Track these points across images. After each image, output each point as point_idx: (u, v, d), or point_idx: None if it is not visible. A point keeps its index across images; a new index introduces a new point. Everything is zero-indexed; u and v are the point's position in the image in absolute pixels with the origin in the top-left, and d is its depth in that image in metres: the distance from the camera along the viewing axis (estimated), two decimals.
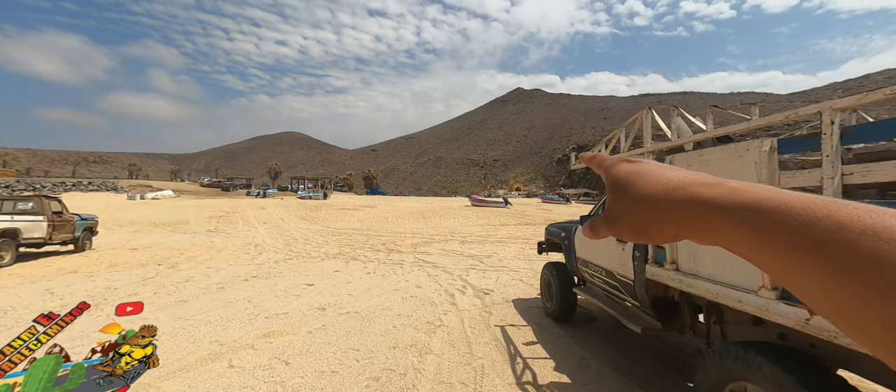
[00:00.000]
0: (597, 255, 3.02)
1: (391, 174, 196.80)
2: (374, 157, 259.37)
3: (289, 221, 17.83)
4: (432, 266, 7.05)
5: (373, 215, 21.37)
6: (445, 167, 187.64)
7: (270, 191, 52.78)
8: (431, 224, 17.20)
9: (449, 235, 12.58)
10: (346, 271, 6.50)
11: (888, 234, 0.16)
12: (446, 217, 21.33)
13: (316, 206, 29.89)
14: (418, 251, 9.01)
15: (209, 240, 11.32)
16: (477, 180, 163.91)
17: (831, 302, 0.18)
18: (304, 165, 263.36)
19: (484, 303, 4.57)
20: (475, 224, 17.81)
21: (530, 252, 9.02)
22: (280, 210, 24.64)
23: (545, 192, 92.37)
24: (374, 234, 12.69)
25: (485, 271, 6.58)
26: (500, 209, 30.44)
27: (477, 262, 7.57)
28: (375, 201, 41.00)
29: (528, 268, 6.92)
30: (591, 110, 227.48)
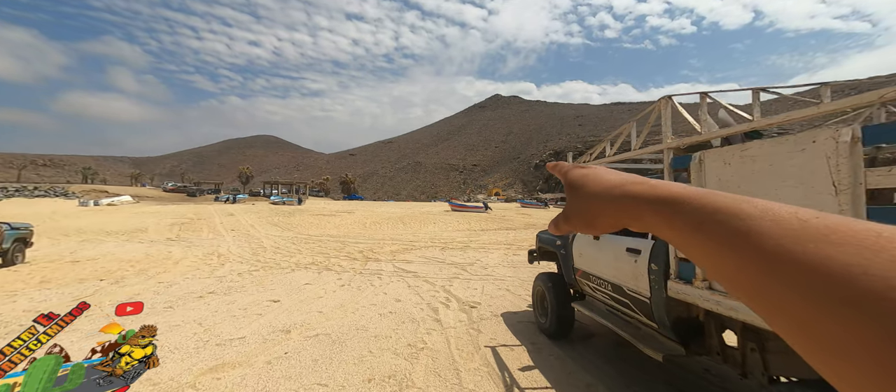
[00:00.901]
0: (601, 266, 2.69)
1: (370, 179, 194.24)
2: (352, 161, 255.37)
3: (259, 228, 16.80)
4: (413, 276, 6.58)
5: (350, 221, 20.58)
6: (425, 172, 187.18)
7: (241, 196, 50.34)
8: (411, 230, 16.68)
9: (430, 242, 12.12)
10: (318, 284, 5.92)
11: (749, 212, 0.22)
12: (426, 222, 20.84)
13: (289, 211, 28.63)
14: (398, 259, 8.51)
15: (167, 250, 10.33)
16: (456, 185, 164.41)
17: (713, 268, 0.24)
18: (279, 170, 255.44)
19: (470, 318, 4.16)
20: (456, 229, 17.44)
21: (514, 258, 8.72)
22: (250, 216, 23.35)
23: (524, 197, 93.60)
24: (350, 242, 12.04)
25: (469, 281, 6.18)
26: (481, 214, 30.25)
27: (460, 270, 7.16)
28: (353, 207, 39.91)
29: (514, 276, 6.58)
30: (566, 117, 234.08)
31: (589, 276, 2.87)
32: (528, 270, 7.10)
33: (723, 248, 0.23)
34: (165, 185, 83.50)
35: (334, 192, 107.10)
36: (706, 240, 0.24)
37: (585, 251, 2.89)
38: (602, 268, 2.67)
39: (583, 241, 2.94)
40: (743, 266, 0.21)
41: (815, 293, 0.18)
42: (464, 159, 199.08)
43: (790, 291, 0.19)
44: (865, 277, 0.16)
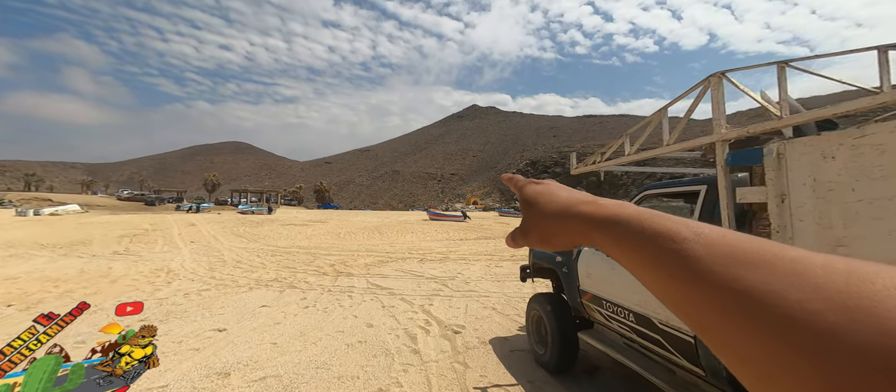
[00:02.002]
0: (619, 291, 2.21)
1: (346, 187, 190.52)
2: (328, 169, 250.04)
3: (222, 239, 15.49)
4: (388, 293, 5.92)
5: (323, 231, 19.51)
6: (402, 181, 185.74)
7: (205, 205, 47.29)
8: (388, 240, 15.91)
9: (407, 253, 11.44)
10: (278, 305, 5.15)
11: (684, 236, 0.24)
12: (404, 232, 20.09)
13: (258, 221, 27.04)
14: (372, 273, 7.79)
15: (108, 265, 9.09)
16: (434, 194, 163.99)
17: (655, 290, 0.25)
18: (249, 178, 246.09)
19: (455, 347, 3.57)
20: (434, 239, 16.82)
21: (497, 271, 8.22)
22: (213, 226, 21.74)
23: (501, 206, 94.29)
24: (321, 254, 11.16)
25: (451, 298, 5.59)
26: (459, 223, 29.80)
27: (440, 285, 6.56)
28: (327, 216, 38.47)
29: (499, 292, 6.06)
30: (541, 128, 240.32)
31: (601, 301, 2.38)
32: (514, 285, 6.60)
33: (660, 271, 0.24)
34: (120, 192, 77.47)
35: (308, 200, 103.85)
36: (646, 262, 0.25)
37: (596, 270, 2.40)
38: (620, 292, 2.19)
39: (592, 258, 2.45)
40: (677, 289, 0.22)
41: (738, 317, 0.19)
42: (442, 168, 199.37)
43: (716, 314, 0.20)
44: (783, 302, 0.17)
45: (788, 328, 0.17)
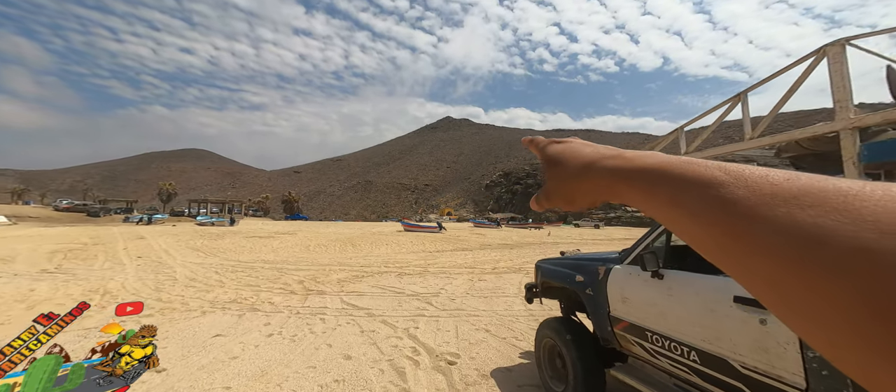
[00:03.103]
0: (675, 322, 1.76)
1: (316, 198, 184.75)
2: (297, 179, 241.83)
3: (175, 254, 14.00)
4: (366, 314, 5.27)
5: (291, 244, 18.28)
6: (376, 191, 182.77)
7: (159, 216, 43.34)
8: (362, 253, 15.06)
9: (383, 266, 10.74)
10: (236, 334, 4.37)
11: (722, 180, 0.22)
12: (378, 244, 19.25)
13: (218, 233, 25.10)
14: (347, 290, 7.08)
15: (30, 286, 7.73)
16: (408, 205, 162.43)
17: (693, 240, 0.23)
18: (211, 187, 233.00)
19: (451, 383, 3.03)
20: (410, 251, 16.15)
21: (481, 285, 7.76)
22: (167, 240, 19.83)
23: (476, 217, 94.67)
24: (289, 269, 10.22)
25: (437, 319, 5.04)
26: (435, 234, 29.27)
27: (424, 303, 5.99)
28: (296, 227, 36.64)
29: (489, 310, 5.58)
30: (513, 141, 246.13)
31: (643, 333, 1.94)
32: (502, 302, 6.15)
33: (698, 218, 0.22)
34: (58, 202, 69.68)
35: (275, 211, 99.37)
36: (682, 211, 0.24)
37: (636, 294, 1.98)
38: (676, 324, 1.76)
39: (629, 280, 2.03)
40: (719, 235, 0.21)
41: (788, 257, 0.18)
42: (416, 179, 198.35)
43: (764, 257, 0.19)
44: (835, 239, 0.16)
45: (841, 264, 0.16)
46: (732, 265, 0.21)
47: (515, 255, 14.52)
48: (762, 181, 0.21)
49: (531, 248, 18.88)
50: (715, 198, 0.22)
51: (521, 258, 13.47)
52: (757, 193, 0.20)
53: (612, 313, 2.15)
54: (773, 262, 0.18)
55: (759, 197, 0.20)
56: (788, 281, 0.18)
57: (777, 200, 0.19)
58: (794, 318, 0.18)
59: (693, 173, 0.24)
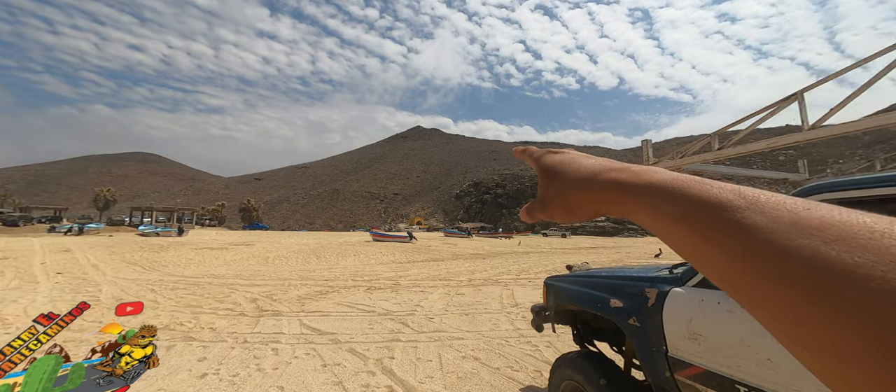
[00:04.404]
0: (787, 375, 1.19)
1: (279, 206, 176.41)
2: (258, 186, 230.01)
3: (106, 269, 12.13)
4: (331, 341, 4.44)
5: (248, 256, 16.66)
6: (343, 200, 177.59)
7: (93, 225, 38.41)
8: (327, 264, 13.92)
9: (350, 279, 9.79)
10: (156, 376, 3.39)
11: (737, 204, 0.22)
12: (345, 254, 18.07)
13: (163, 245, 22.61)
14: (308, 310, 6.15)
15: None
16: (377, 214, 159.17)
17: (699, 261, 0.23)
18: (159, 194, 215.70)
19: None
20: (380, 262, 15.21)
21: (461, 301, 7.11)
22: (98, 252, 17.44)
23: (447, 226, 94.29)
24: (242, 285, 9.01)
25: (415, 345, 4.32)
26: (405, 244, 28.32)
27: (399, 324, 5.24)
28: (254, 238, 34.18)
29: (474, 332, 4.93)
30: (482, 152, 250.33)
31: (734, 387, 1.33)
32: (488, 321, 5.53)
33: (709, 241, 0.22)
34: None
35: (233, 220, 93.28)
36: (692, 232, 0.23)
37: (717, 331, 1.39)
38: (790, 378, 1.23)
39: (700, 307, 1.46)
40: (730, 261, 0.20)
41: (808, 292, 0.17)
42: (385, 188, 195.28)
43: (780, 288, 0.18)
44: (862, 278, 0.15)
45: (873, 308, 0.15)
46: (741, 292, 0.20)
47: (489, 266, 14.04)
48: (781, 209, 0.20)
49: (504, 257, 18.53)
50: (729, 222, 0.21)
51: (496, 268, 13.00)
52: (775, 221, 0.19)
53: (672, 354, 1.58)
54: (789, 295, 0.17)
55: (778, 225, 0.19)
56: (804, 316, 0.17)
57: (797, 230, 0.18)
58: (803, 351, 0.18)
59: (706, 194, 0.23)
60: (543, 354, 3.91)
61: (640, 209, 0.27)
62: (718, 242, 0.21)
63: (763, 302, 0.19)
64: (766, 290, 0.18)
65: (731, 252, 0.20)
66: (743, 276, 0.20)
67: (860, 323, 0.15)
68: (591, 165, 0.33)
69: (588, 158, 0.35)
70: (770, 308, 0.18)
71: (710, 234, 0.22)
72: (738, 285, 0.20)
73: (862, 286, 0.15)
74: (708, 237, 0.22)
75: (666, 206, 0.25)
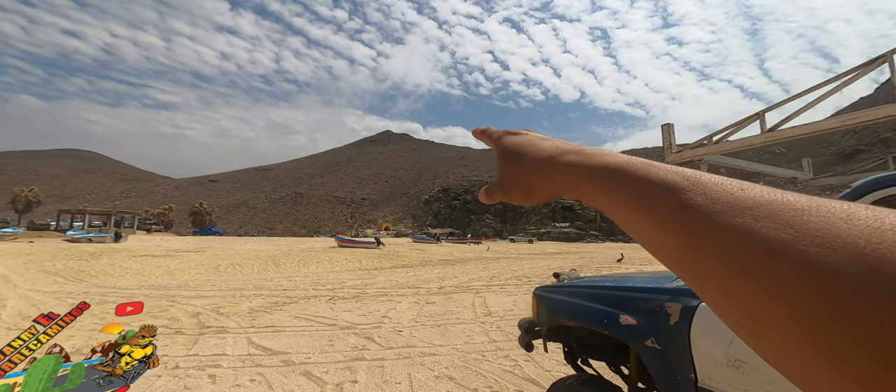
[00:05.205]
0: None
1: (236, 210, 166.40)
2: (213, 189, 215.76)
3: (18, 280, 10.41)
4: (282, 363, 3.85)
5: (196, 264, 15.17)
6: (307, 204, 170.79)
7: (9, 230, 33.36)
8: (286, 273, 12.93)
9: (311, 288, 9.04)
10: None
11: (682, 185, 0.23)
12: (307, 262, 17.01)
13: (94, 252, 20.14)
14: (259, 324, 5.45)
15: None
16: (343, 219, 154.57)
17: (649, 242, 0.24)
18: (97, 196, 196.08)
19: None
20: (345, 269, 14.41)
21: (431, 309, 6.69)
22: (12, 261, 15.15)
23: (415, 232, 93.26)
24: (186, 297, 7.99)
25: (382, 363, 3.84)
26: (372, 250, 27.40)
27: (364, 339, 4.72)
28: (205, 244, 31.66)
29: (447, 345, 4.53)
30: (452, 158, 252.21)
31: None
32: (461, 332, 5.15)
33: (657, 224, 0.23)
34: None
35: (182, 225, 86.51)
36: (643, 215, 0.24)
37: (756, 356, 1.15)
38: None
39: None
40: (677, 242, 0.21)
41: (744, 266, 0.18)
42: (352, 192, 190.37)
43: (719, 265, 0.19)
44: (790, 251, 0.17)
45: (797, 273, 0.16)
46: (688, 272, 0.21)
47: (460, 271, 13.73)
48: (719, 190, 0.21)
49: (473, 263, 18.32)
50: (675, 203, 0.22)
51: (467, 275, 12.71)
52: (715, 202, 0.21)
53: (703, 385, 1.26)
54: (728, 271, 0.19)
55: (718, 205, 0.20)
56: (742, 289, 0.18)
57: (734, 210, 0.20)
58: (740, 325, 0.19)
59: (655, 176, 0.24)
60: (524, 371, 3.59)
61: (594, 192, 0.27)
62: (665, 224, 0.22)
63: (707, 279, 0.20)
64: (708, 267, 0.20)
65: (676, 233, 0.21)
66: (689, 256, 0.21)
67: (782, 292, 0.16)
68: (548, 148, 0.33)
69: (545, 141, 0.35)
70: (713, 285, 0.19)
71: (658, 216, 0.22)
72: (686, 266, 0.21)
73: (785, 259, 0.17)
74: (657, 219, 0.22)
75: (618, 188, 0.25)
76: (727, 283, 0.19)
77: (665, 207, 0.22)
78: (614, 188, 0.26)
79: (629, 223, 0.25)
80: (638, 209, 0.24)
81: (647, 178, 0.24)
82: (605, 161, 0.28)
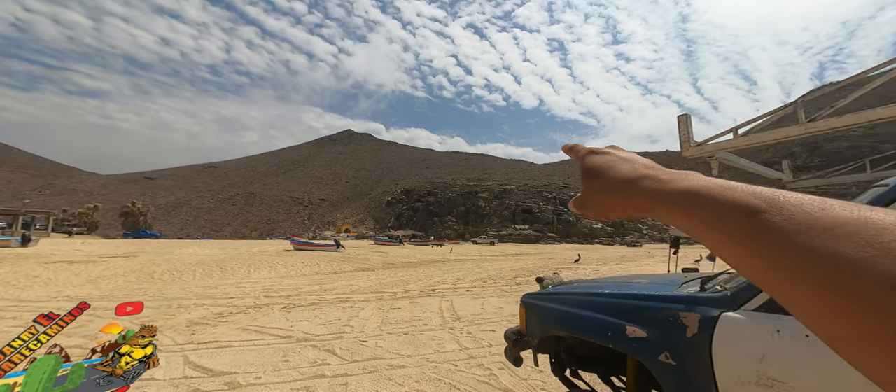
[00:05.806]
0: None
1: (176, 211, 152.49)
2: (149, 187, 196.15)
3: None
4: (226, 385, 3.34)
5: (125, 271, 13.43)
6: (260, 205, 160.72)
7: None
8: (235, 279, 11.83)
9: (263, 296, 8.27)
10: None
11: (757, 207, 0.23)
12: (258, 266, 15.77)
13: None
14: (199, 339, 4.78)
15: None
16: (300, 221, 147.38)
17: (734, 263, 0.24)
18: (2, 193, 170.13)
19: None
20: (301, 274, 13.53)
21: (396, 315, 6.35)
22: None
23: (377, 234, 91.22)
24: (107, 309, 6.89)
25: (346, 380, 3.46)
26: (331, 253, 26.25)
27: (323, 353, 4.28)
28: (139, 248, 28.46)
29: (415, 354, 4.24)
30: (414, 159, 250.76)
31: None
32: (430, 340, 4.88)
33: (738, 245, 0.23)
34: None
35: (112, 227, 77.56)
36: (722, 237, 0.24)
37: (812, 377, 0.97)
38: None
39: (779, 342, 1.02)
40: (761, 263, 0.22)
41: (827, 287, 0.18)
42: (310, 193, 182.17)
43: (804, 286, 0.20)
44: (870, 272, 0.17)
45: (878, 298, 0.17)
46: (774, 291, 0.22)
47: (424, 274, 13.43)
48: (798, 210, 0.21)
49: (437, 265, 18.10)
50: (753, 225, 0.22)
51: (432, 278, 12.44)
52: (793, 222, 0.21)
53: None
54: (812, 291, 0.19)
55: (796, 226, 0.21)
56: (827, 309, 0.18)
57: (814, 231, 0.20)
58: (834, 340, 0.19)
59: (730, 199, 0.25)
60: (500, 380, 3.40)
61: (673, 216, 0.29)
62: (747, 246, 0.22)
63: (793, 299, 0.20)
64: (793, 288, 0.20)
65: (759, 255, 0.22)
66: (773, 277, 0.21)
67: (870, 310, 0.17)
68: (627, 171, 0.34)
69: (625, 163, 0.36)
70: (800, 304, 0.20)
71: (739, 237, 0.23)
72: (774, 287, 0.21)
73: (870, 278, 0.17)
74: (739, 241, 0.23)
75: (697, 213, 0.26)
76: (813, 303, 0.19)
77: (745, 229, 0.23)
78: (694, 213, 0.26)
79: (712, 245, 0.25)
80: (719, 232, 0.24)
81: (725, 200, 0.25)
82: (681, 186, 0.28)
